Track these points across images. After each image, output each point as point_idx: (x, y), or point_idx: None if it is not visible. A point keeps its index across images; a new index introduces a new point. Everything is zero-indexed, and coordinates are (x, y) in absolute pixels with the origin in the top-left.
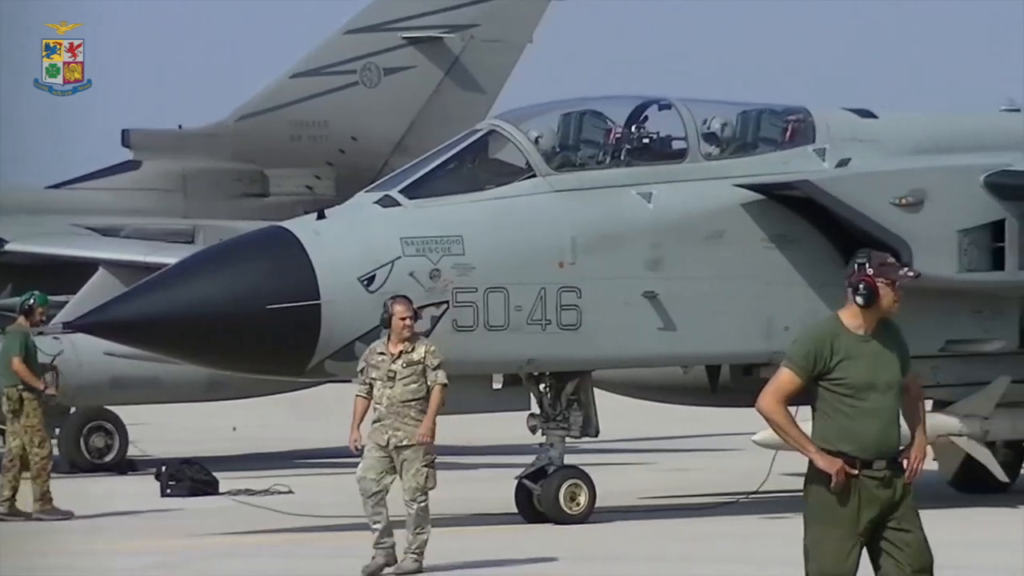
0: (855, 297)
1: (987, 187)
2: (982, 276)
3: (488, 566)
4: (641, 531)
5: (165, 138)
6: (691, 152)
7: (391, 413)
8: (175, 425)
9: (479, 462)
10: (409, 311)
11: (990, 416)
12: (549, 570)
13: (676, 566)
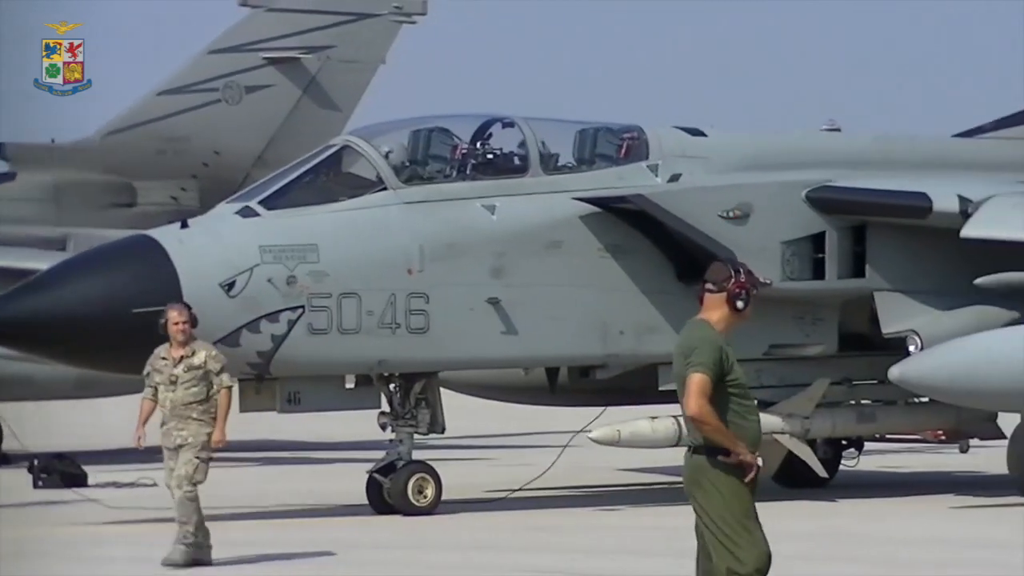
0: (736, 303)
1: (809, 201)
2: (804, 285)
3: (334, 553)
4: (484, 522)
5: (39, 151)
6: (532, 167)
7: (174, 416)
8: (55, 420)
9: (333, 457)
10: (183, 316)
11: (810, 415)
12: (395, 556)
13: (510, 555)
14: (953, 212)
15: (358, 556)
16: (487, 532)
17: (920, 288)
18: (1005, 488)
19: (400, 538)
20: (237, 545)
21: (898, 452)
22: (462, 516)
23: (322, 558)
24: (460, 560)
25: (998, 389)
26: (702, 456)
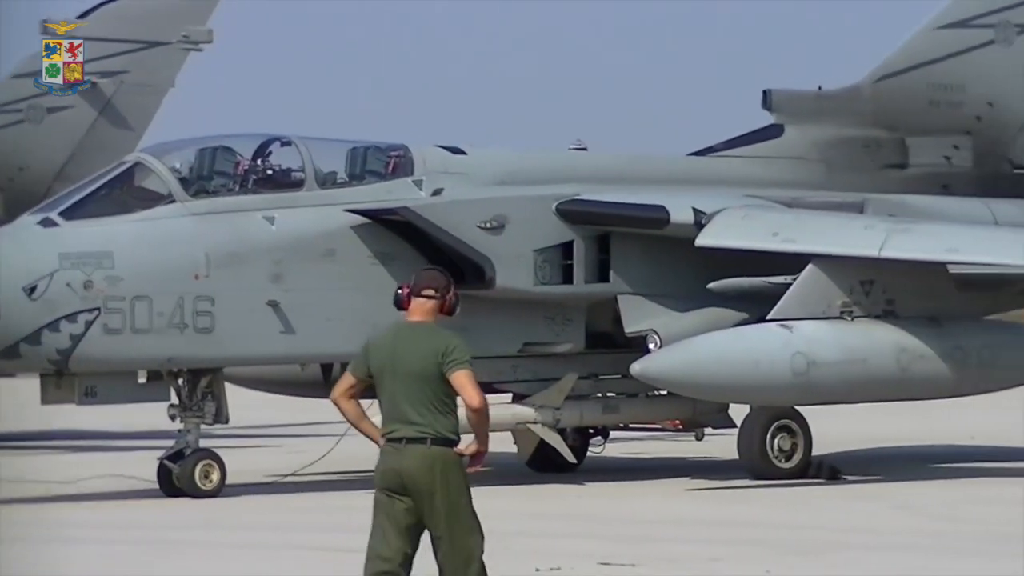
0: (455, 311)
1: (559, 213)
2: (554, 288)
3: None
4: (265, 504)
5: None
6: (308, 182)
7: None
8: None
9: (129, 445)
10: None
11: (560, 407)
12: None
13: (285, 534)
14: (688, 223)
15: (149, 535)
16: (266, 513)
17: (659, 292)
18: (736, 472)
19: (188, 518)
20: (44, 525)
21: (640, 440)
22: (244, 498)
23: (112, 534)
24: (242, 539)
25: (729, 383)
26: (442, 447)
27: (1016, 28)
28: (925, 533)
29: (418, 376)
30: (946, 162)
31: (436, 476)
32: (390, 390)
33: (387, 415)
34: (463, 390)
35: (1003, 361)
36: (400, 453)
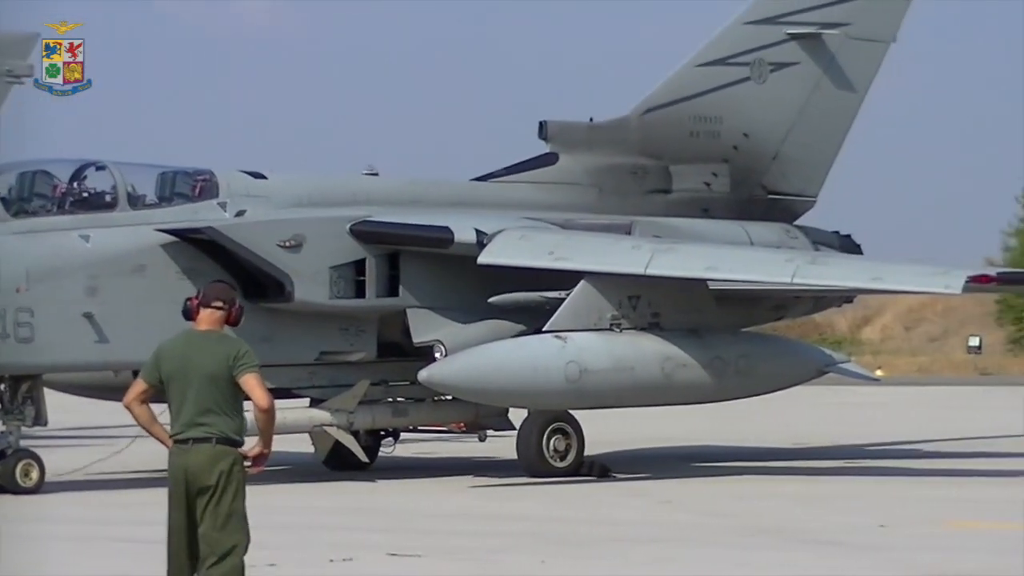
0: (239, 322)
1: (352, 233)
2: (348, 302)
3: None
4: (82, 499)
5: None
6: (121, 203)
7: None
8: None
9: None
10: None
11: (354, 411)
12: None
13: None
14: (471, 243)
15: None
16: (81, 507)
17: (444, 305)
18: (515, 471)
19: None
20: None
21: (428, 441)
22: (64, 495)
23: None
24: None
25: (508, 389)
26: (226, 447)
27: (770, 66)
28: (688, 526)
29: (209, 380)
30: (706, 188)
31: (217, 474)
32: (179, 394)
33: (176, 418)
34: (253, 392)
35: (759, 369)
36: (187, 452)
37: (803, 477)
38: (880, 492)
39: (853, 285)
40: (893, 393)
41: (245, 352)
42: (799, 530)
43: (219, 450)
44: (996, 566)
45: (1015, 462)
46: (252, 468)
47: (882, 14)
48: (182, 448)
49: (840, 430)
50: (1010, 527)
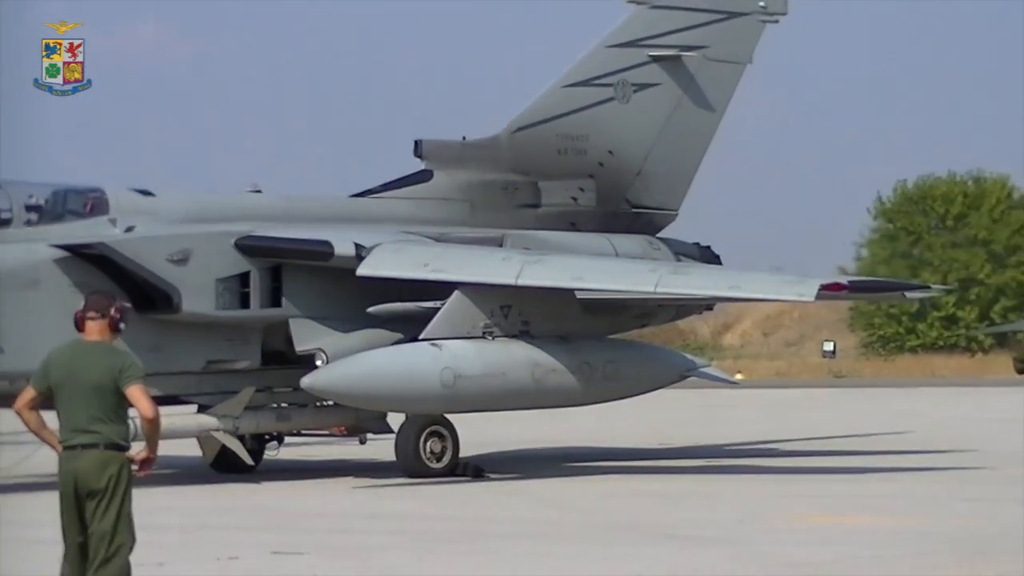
0: (119, 327)
1: (237, 248)
2: (233, 313)
3: None
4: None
5: None
6: (16, 220)
7: None
8: None
9: None
10: None
11: (240, 416)
12: None
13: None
14: (350, 255)
15: None
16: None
17: (325, 315)
18: (394, 472)
19: None
20: None
21: (311, 444)
22: None
23: None
24: None
25: (386, 394)
26: (113, 452)
27: (633, 87)
28: (558, 523)
29: (95, 390)
30: (573, 202)
31: (107, 478)
32: (67, 402)
33: (64, 424)
34: (138, 402)
35: (624, 374)
36: (76, 458)
37: (667, 475)
38: (738, 489)
39: (712, 293)
40: (752, 396)
41: (130, 364)
42: (663, 525)
43: (107, 455)
44: (846, 558)
45: (866, 460)
46: (139, 472)
47: (738, 38)
48: (71, 454)
49: (702, 431)
50: (860, 521)
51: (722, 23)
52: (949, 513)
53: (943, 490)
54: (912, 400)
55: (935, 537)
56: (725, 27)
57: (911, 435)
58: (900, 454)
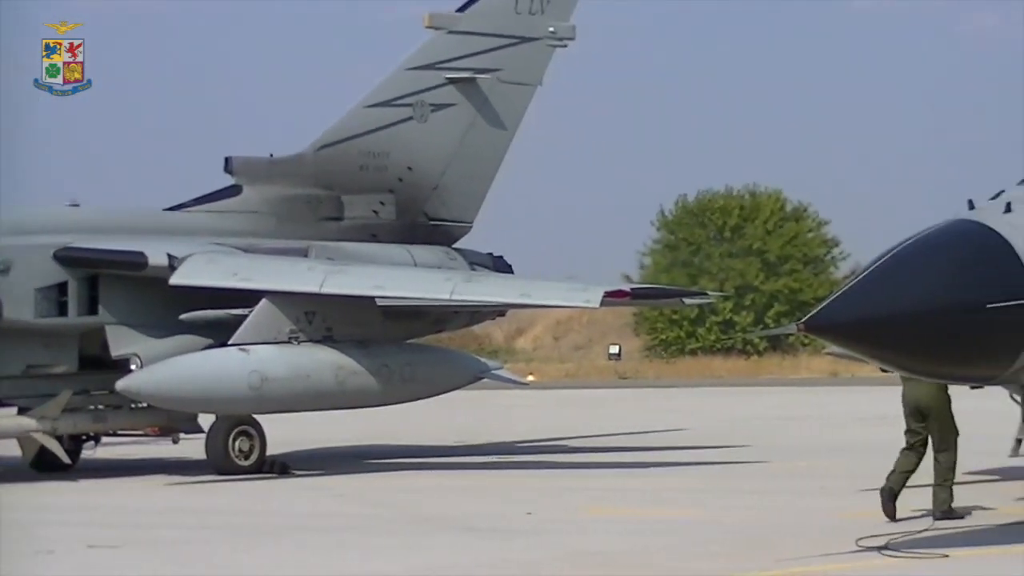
0: None
1: (55, 259)
2: (52, 320)
3: None
4: None
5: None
6: None
7: None
8: None
9: None
10: None
11: (58, 417)
12: None
13: None
14: (163, 266)
15: None
16: None
17: (140, 322)
18: (205, 470)
19: None
20: None
21: (126, 444)
22: None
23: None
24: None
25: (197, 396)
26: None
27: (430, 107)
28: (362, 516)
29: None
30: (374, 215)
31: None
32: None
33: None
34: None
35: (421, 376)
36: None
37: (464, 471)
38: (529, 484)
39: (504, 300)
40: (543, 396)
41: None
42: (459, 518)
43: None
44: (633, 547)
45: (650, 455)
46: None
47: (529, 61)
48: None
49: (496, 429)
50: (645, 513)
51: (514, 47)
52: (729, 504)
53: (722, 483)
54: (692, 399)
55: (717, 527)
56: (517, 51)
57: (691, 432)
58: (682, 450)
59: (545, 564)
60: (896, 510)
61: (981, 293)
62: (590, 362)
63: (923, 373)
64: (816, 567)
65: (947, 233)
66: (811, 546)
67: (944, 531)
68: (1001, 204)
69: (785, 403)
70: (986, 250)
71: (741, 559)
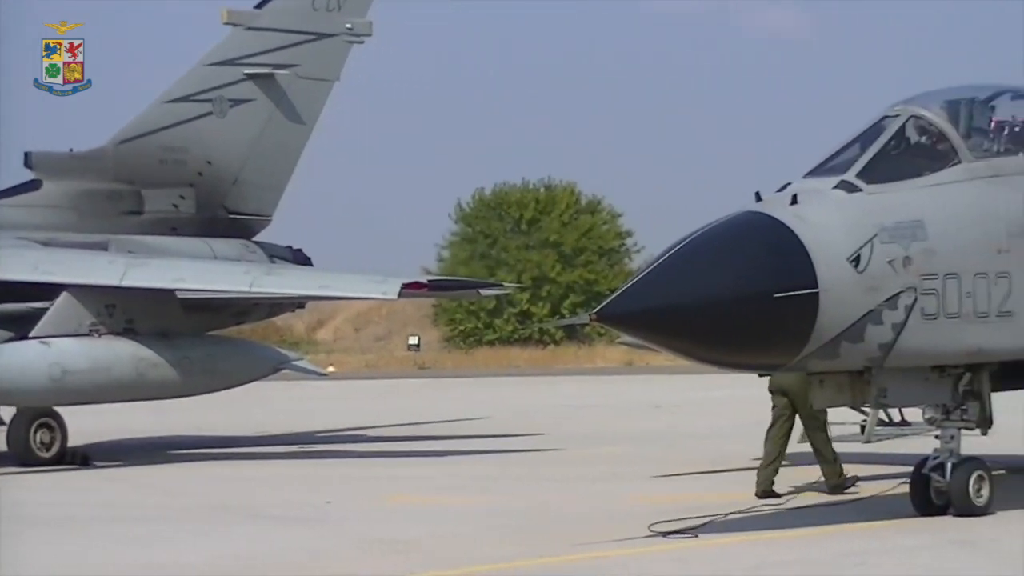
0: None
1: None
2: None
3: None
4: None
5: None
6: None
7: None
8: None
9: None
10: None
11: None
12: None
13: None
14: None
15: None
16: None
17: None
18: (7, 461)
19: None
20: None
21: None
22: None
23: None
24: None
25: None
26: None
27: (229, 102)
28: (162, 506)
29: None
30: (175, 209)
31: None
32: None
33: None
34: None
35: (222, 367)
36: None
37: (263, 461)
38: (330, 472)
39: (304, 293)
40: (343, 387)
41: None
42: (259, 506)
43: None
44: (428, 534)
45: (448, 444)
46: None
47: (326, 57)
48: None
49: (296, 420)
50: (442, 501)
51: (312, 44)
52: (524, 491)
53: (518, 471)
54: (490, 389)
55: (513, 514)
56: (314, 47)
57: (489, 421)
58: (479, 438)
59: (338, 551)
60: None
61: (768, 283)
62: (390, 353)
63: (711, 361)
64: (611, 552)
65: (734, 224)
66: (605, 531)
67: (738, 516)
68: (787, 196)
69: (581, 392)
70: (773, 241)
71: (536, 544)
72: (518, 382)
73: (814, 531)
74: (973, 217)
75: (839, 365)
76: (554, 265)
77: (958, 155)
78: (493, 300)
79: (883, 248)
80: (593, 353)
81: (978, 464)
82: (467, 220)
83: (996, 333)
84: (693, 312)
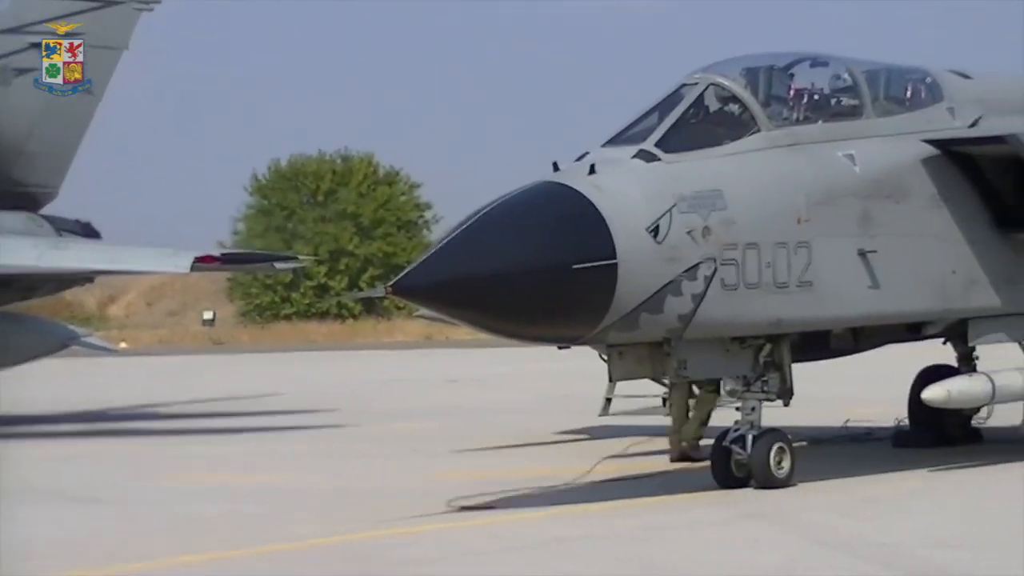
0: None
1: None
2: None
3: None
4: None
5: None
6: None
7: None
8: None
9: None
10: None
11: None
12: None
13: None
14: None
15: None
16: None
17: None
18: None
19: None
20: None
21: None
22: None
23: None
24: None
25: None
26: None
27: (14, 72)
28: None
29: None
30: None
31: None
32: None
33: None
34: None
35: (7, 344)
36: None
37: (54, 440)
38: (121, 451)
39: (92, 267)
40: (136, 363)
41: None
42: (51, 488)
43: None
44: (227, 512)
45: (243, 421)
46: None
47: (114, 25)
48: None
49: (87, 397)
50: (238, 479)
51: (98, 11)
52: (322, 468)
53: (316, 447)
54: (287, 364)
55: (311, 491)
56: (101, 15)
57: (285, 397)
58: (275, 415)
59: (139, 532)
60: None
61: (566, 254)
62: (184, 328)
63: (509, 334)
64: (411, 528)
65: (532, 195)
66: (405, 507)
67: (539, 491)
68: (585, 166)
69: (379, 367)
70: (570, 211)
71: (335, 522)
72: (316, 357)
73: (614, 505)
74: (773, 186)
75: (639, 336)
76: (352, 238)
77: (757, 123)
78: (290, 274)
79: (682, 218)
80: (392, 327)
81: (779, 436)
82: (263, 192)
83: (796, 303)
84: (489, 284)
